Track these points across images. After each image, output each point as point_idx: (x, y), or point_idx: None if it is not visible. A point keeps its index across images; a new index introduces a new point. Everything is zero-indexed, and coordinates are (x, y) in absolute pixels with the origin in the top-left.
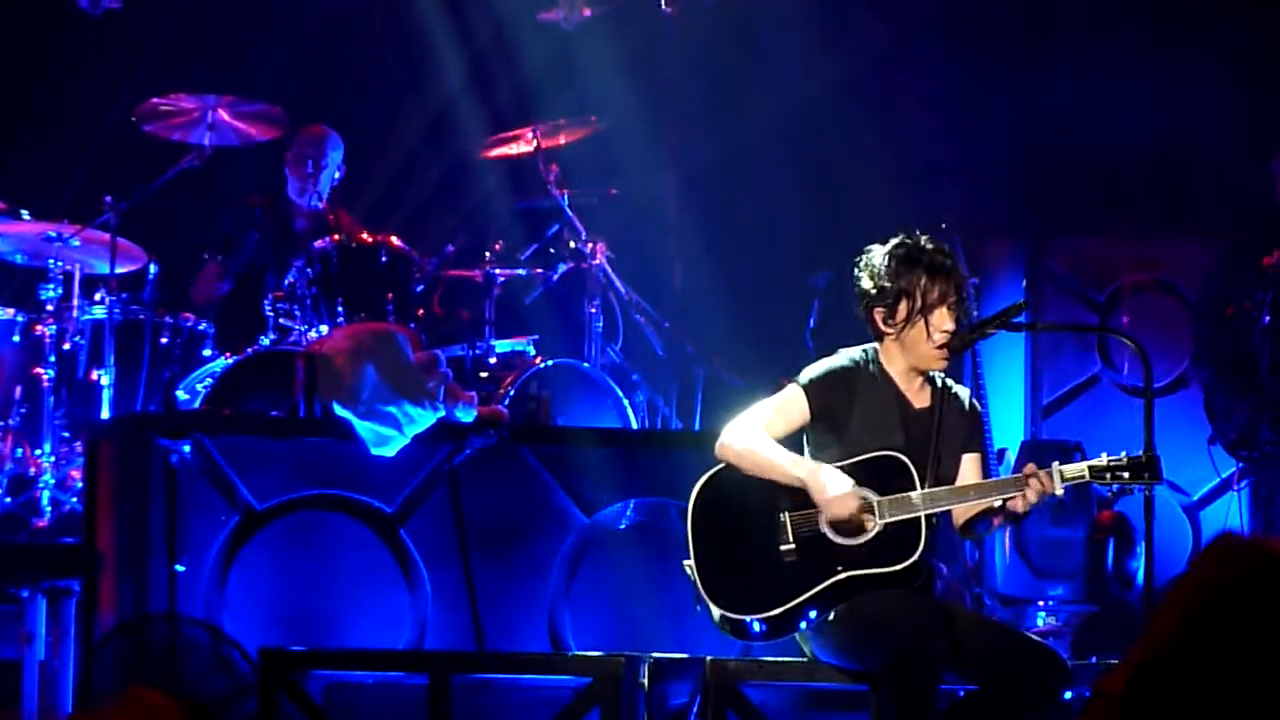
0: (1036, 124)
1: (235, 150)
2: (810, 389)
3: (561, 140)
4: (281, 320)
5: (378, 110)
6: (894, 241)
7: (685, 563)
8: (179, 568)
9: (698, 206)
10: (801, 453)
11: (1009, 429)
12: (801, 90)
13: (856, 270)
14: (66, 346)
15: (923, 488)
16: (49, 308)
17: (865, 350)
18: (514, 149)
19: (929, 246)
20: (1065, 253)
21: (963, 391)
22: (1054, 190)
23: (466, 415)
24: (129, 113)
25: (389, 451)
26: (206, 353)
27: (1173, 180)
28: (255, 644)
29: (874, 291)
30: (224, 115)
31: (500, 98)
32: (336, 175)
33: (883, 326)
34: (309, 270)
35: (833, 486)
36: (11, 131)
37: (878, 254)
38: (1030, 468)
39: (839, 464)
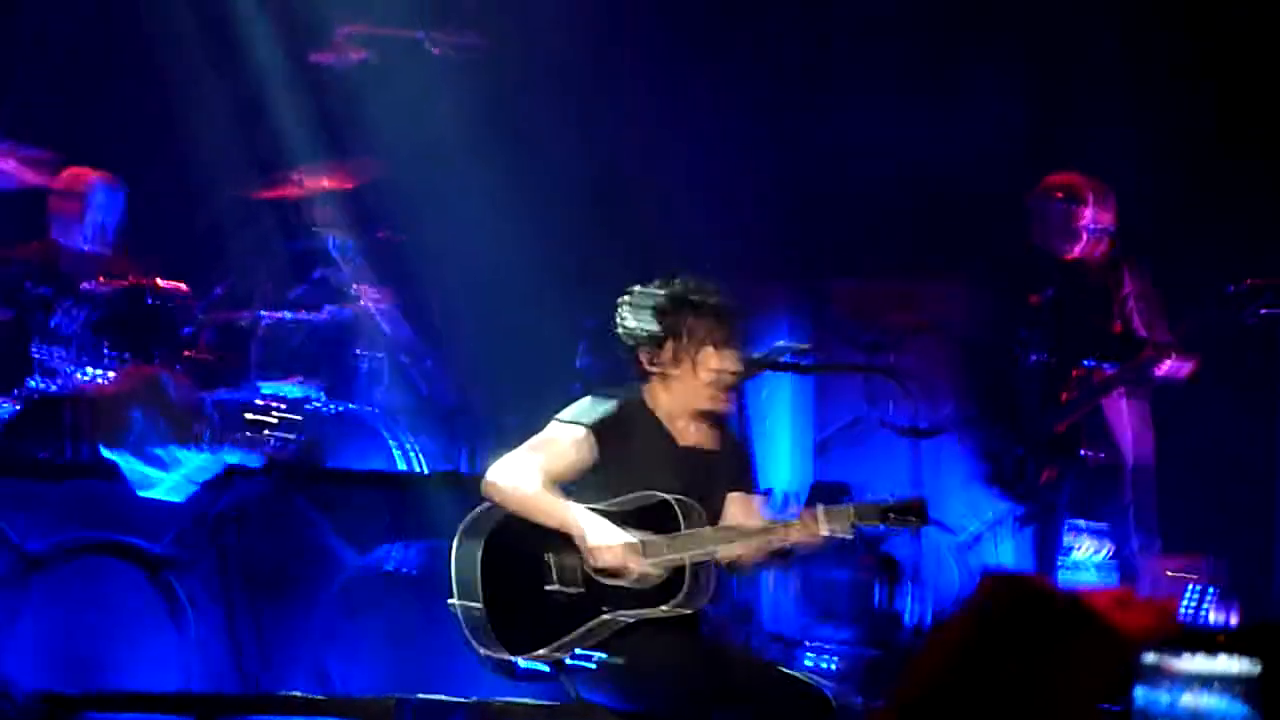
0: (806, 163)
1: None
2: (598, 431)
3: (329, 183)
4: (49, 363)
5: (148, 151)
6: (658, 281)
7: (451, 602)
8: None
9: (469, 248)
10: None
11: (776, 469)
12: (575, 130)
13: (621, 311)
14: None
15: (687, 527)
16: None
17: (631, 389)
18: (285, 191)
19: (693, 285)
20: (834, 295)
21: (730, 430)
22: (822, 231)
23: (234, 457)
24: None
25: (157, 493)
26: None
27: (937, 220)
28: (28, 687)
29: (639, 332)
30: None
31: (272, 139)
32: (100, 218)
33: (649, 367)
34: (76, 312)
35: (595, 534)
36: None
37: (642, 294)
38: (804, 511)
39: (608, 504)
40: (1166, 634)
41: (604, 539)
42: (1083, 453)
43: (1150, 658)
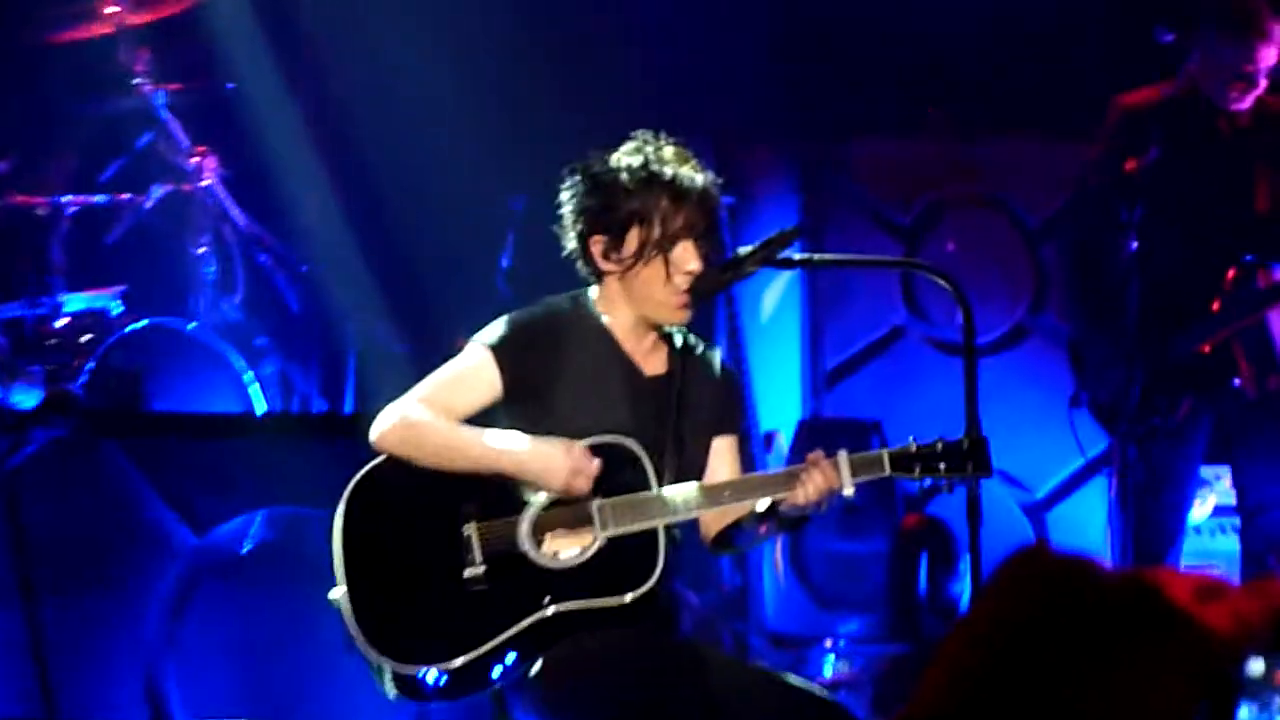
0: None
1: None
2: (500, 350)
3: (151, 16)
4: None
5: None
6: (626, 147)
7: (333, 594)
8: None
9: (349, 108)
10: None
11: (782, 404)
12: None
13: (569, 188)
14: None
15: (660, 485)
16: None
17: (575, 297)
18: (87, 29)
19: (670, 154)
20: (857, 159)
21: (714, 354)
22: (840, 82)
23: (27, 398)
24: None
25: None
26: None
27: (999, 56)
28: None
29: (595, 214)
30: None
31: None
32: None
33: (603, 263)
34: None
35: (555, 452)
36: None
37: (600, 165)
38: (813, 456)
39: None
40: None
41: (570, 451)
42: (1236, 382)
43: (1257, 666)
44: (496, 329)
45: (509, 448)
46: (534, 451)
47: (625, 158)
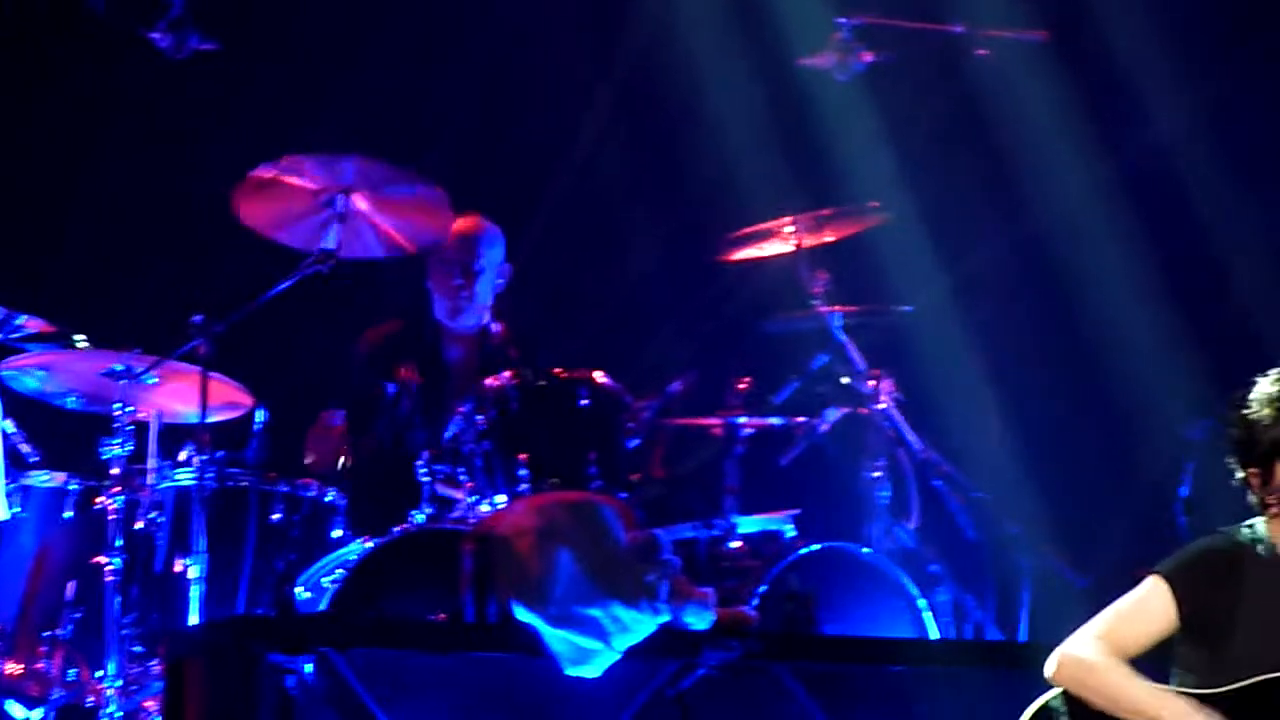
0: None
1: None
2: (1177, 580)
3: (829, 236)
4: (440, 489)
5: (558, 196)
6: (1269, 375)
7: None
8: None
9: (1023, 326)
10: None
11: None
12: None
13: (1231, 414)
14: (139, 526)
15: None
16: (114, 471)
17: (1252, 528)
18: (764, 249)
19: None
20: None
21: None
22: None
23: (700, 620)
24: (224, 196)
25: (592, 671)
26: (336, 534)
27: None
28: None
29: (1241, 447)
30: (359, 203)
31: (746, 177)
32: (499, 282)
33: (1262, 494)
34: (478, 419)
35: None
36: (57, 222)
37: (1243, 396)
38: None
39: (1216, 691)
40: None
41: None
42: None
43: None
44: (1176, 560)
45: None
46: None
47: (1266, 387)
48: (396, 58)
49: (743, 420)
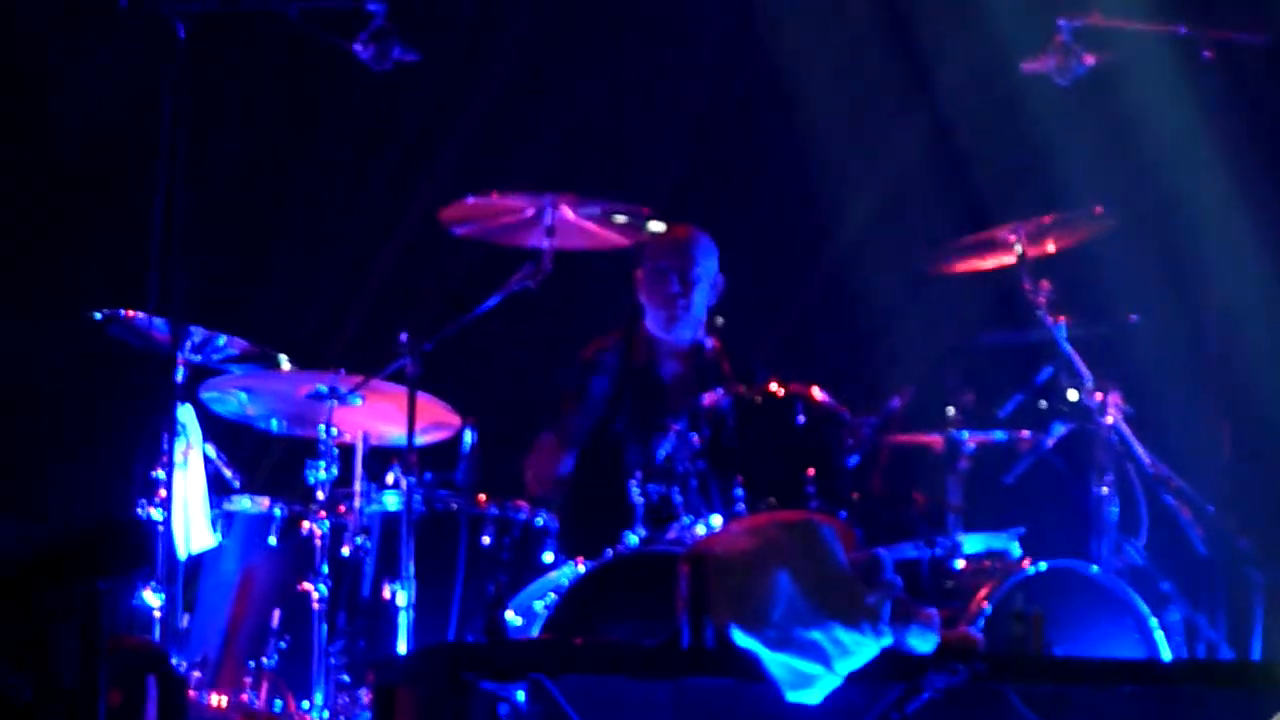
0: None
1: (581, 261)
2: None
3: (1052, 245)
4: (655, 510)
5: (770, 207)
6: None
7: None
8: None
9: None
10: None
11: None
12: None
13: None
14: (346, 551)
15: None
16: (319, 495)
17: None
18: (985, 260)
19: None
20: None
21: None
22: None
23: (924, 643)
24: (432, 211)
25: (813, 697)
26: (548, 557)
27: None
28: None
29: None
30: (568, 214)
31: (963, 184)
32: (712, 295)
33: None
34: (693, 436)
35: None
36: (261, 239)
37: None
38: None
39: None
40: None
41: None
42: None
43: None
44: None
45: None
46: None
47: None
48: (596, 69)
49: (966, 436)
